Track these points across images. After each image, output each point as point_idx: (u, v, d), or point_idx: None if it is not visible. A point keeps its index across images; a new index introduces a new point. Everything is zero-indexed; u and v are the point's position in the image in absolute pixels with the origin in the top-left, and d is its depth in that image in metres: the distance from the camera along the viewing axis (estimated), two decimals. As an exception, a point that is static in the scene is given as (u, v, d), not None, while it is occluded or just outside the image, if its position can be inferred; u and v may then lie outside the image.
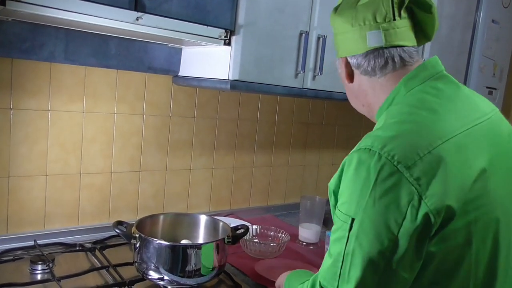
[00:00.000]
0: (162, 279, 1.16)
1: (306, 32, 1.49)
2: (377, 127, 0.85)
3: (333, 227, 0.82)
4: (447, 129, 0.78)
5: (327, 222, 1.88)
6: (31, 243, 1.38)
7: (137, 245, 1.19)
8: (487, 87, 2.32)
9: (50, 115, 1.41)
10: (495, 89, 2.39)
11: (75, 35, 1.37)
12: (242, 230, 1.32)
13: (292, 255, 1.55)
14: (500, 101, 2.46)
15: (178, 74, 1.61)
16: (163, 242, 1.17)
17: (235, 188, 1.94)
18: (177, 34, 1.24)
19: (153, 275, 1.16)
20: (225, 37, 1.33)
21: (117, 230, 1.21)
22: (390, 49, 0.88)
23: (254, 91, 1.42)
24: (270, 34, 1.40)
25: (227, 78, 1.36)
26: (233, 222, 1.65)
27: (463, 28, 2.13)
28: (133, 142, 1.60)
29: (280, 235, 1.62)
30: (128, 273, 1.25)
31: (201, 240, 1.39)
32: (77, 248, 1.41)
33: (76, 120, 1.46)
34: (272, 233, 1.65)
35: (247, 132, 1.93)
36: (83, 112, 1.47)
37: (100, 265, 1.30)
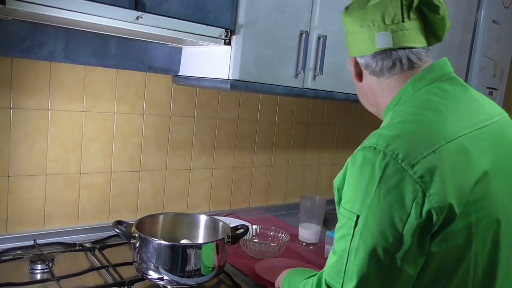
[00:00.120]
0: (161, 279, 1.16)
1: (307, 32, 1.49)
2: (382, 126, 0.86)
3: (337, 224, 0.83)
4: (451, 130, 0.79)
5: (327, 222, 1.88)
6: (31, 242, 1.38)
7: (137, 245, 1.19)
8: (487, 88, 2.32)
9: (50, 115, 1.41)
10: (495, 89, 2.39)
11: (75, 34, 1.37)
12: (242, 230, 1.32)
13: (292, 255, 1.55)
14: (501, 101, 2.45)
15: (178, 74, 1.61)
16: (162, 242, 1.17)
17: (235, 188, 1.94)
18: (177, 33, 1.24)
19: (153, 275, 1.16)
20: (225, 36, 1.33)
21: (116, 230, 1.21)
22: (398, 50, 0.88)
23: (254, 91, 1.42)
24: (270, 34, 1.40)
25: (227, 78, 1.36)
26: (233, 222, 1.65)
27: (464, 28, 2.13)
28: (133, 141, 1.60)
29: (280, 235, 1.62)
30: (128, 273, 1.25)
31: (201, 240, 1.39)
32: (77, 247, 1.41)
33: (76, 120, 1.46)
34: (272, 233, 1.64)
35: (247, 132, 1.92)
36: (83, 111, 1.47)
37: (99, 265, 1.30)
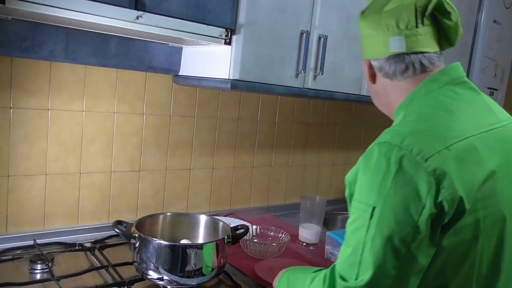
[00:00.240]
0: (161, 279, 1.16)
1: (307, 31, 1.48)
2: (396, 124, 0.90)
3: (350, 218, 0.85)
4: (462, 130, 0.82)
5: (327, 223, 1.88)
6: (31, 242, 1.38)
7: (137, 245, 1.18)
8: (488, 88, 2.31)
9: (50, 114, 1.41)
10: (496, 89, 2.38)
11: (75, 34, 1.37)
12: (242, 230, 1.32)
13: (292, 255, 1.55)
14: (502, 102, 2.45)
15: (179, 74, 1.61)
16: (162, 242, 1.17)
17: (235, 188, 1.93)
18: (177, 33, 1.24)
19: (153, 275, 1.16)
20: (225, 36, 1.33)
21: (116, 230, 1.21)
22: (411, 55, 0.92)
23: (254, 90, 1.42)
24: (271, 34, 1.40)
25: (227, 78, 1.36)
26: (233, 222, 1.64)
27: (465, 28, 2.11)
28: (133, 141, 1.60)
29: (280, 235, 1.61)
30: (128, 272, 1.25)
31: (201, 240, 1.39)
32: (77, 247, 1.41)
33: (76, 119, 1.46)
34: (272, 233, 1.64)
35: (248, 132, 1.92)
36: (83, 111, 1.47)
37: (99, 265, 1.30)
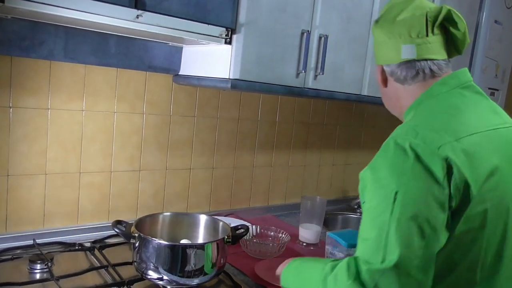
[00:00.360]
0: (161, 279, 1.15)
1: (308, 31, 1.48)
2: (408, 120, 0.97)
3: (368, 209, 0.88)
4: (470, 126, 0.90)
5: (327, 223, 1.88)
6: (30, 242, 1.38)
7: (137, 245, 1.18)
8: (489, 88, 2.31)
9: (49, 114, 1.40)
10: (497, 90, 2.38)
11: (75, 33, 1.36)
12: (242, 230, 1.31)
13: (292, 255, 1.52)
14: (502, 102, 2.45)
15: (179, 73, 1.61)
16: (162, 241, 1.17)
17: (235, 188, 1.93)
18: (177, 32, 1.23)
19: (153, 274, 1.16)
20: (226, 35, 1.32)
21: (116, 230, 1.21)
22: (421, 61, 0.99)
23: (255, 90, 1.41)
24: (271, 33, 1.39)
25: (227, 77, 1.35)
26: (233, 222, 1.64)
27: (466, 28, 2.11)
28: (133, 141, 1.60)
29: (280, 235, 1.61)
30: (127, 272, 1.25)
31: (201, 240, 1.38)
32: (76, 247, 1.41)
33: (76, 119, 1.46)
34: (272, 233, 1.64)
35: (248, 132, 1.92)
36: (82, 110, 1.47)
37: (99, 265, 1.30)
